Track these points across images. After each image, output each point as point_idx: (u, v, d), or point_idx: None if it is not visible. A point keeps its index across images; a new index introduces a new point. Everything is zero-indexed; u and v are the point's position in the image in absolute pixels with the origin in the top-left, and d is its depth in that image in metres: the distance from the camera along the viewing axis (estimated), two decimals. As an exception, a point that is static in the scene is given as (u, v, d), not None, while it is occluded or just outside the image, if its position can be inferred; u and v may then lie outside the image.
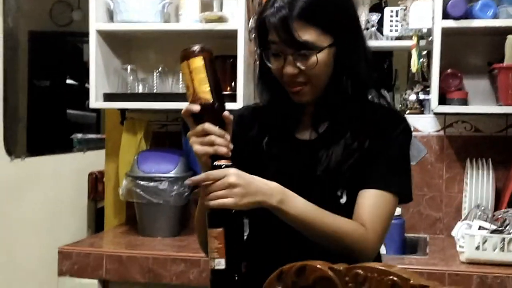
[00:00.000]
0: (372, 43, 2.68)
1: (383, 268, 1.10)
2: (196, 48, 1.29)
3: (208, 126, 1.26)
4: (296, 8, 1.30)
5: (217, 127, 1.28)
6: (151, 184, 2.48)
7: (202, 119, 1.28)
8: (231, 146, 1.29)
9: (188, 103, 1.29)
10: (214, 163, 1.28)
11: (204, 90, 1.27)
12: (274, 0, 1.34)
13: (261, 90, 1.48)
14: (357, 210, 1.37)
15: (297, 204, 1.30)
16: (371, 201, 1.37)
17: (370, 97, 1.45)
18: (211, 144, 1.26)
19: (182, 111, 1.29)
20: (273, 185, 1.29)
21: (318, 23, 1.32)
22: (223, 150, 1.26)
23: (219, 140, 1.26)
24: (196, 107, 1.27)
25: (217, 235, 1.26)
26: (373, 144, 1.39)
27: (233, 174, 1.25)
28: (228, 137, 1.28)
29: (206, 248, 1.40)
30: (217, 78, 1.30)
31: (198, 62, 1.27)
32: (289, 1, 1.31)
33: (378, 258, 1.48)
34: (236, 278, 1.28)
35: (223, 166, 1.27)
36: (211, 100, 1.27)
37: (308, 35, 1.31)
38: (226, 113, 1.29)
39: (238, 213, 1.29)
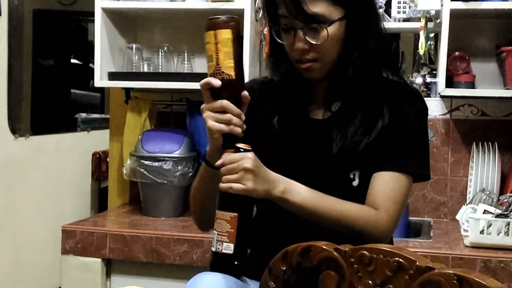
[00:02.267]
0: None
1: (388, 249, 1.10)
2: (226, 18, 1.24)
3: (227, 104, 1.24)
4: None
5: (235, 105, 1.25)
6: (155, 164, 2.47)
7: (220, 94, 1.24)
8: (245, 126, 1.27)
9: (209, 74, 1.26)
10: (235, 145, 1.25)
11: (228, 65, 1.24)
12: None
13: (272, 67, 1.46)
14: (370, 192, 1.36)
15: (301, 193, 1.29)
16: (385, 183, 1.35)
17: (384, 74, 1.42)
18: (228, 122, 1.24)
19: (201, 82, 1.25)
20: (276, 175, 1.28)
21: None
22: (238, 130, 1.25)
23: (236, 120, 1.24)
24: (217, 82, 1.23)
25: (230, 219, 1.24)
26: (389, 123, 1.37)
27: (250, 159, 1.23)
28: (243, 117, 1.26)
29: (201, 218, 1.40)
30: (242, 54, 1.26)
31: (226, 34, 1.23)
32: None
33: (389, 243, 1.46)
34: (237, 263, 1.26)
35: (242, 149, 1.25)
36: (234, 77, 1.24)
37: (318, 7, 1.28)
38: (245, 92, 1.27)
39: (252, 200, 1.27)
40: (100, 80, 2.54)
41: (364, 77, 1.36)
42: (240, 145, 1.25)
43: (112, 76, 2.57)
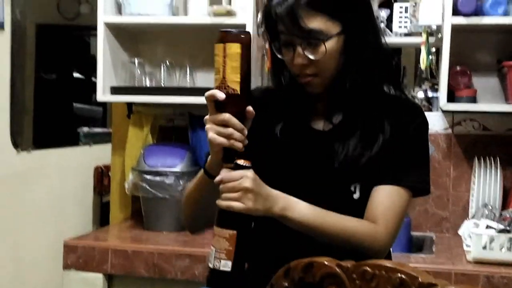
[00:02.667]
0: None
1: (391, 265, 1.09)
2: (236, 32, 1.24)
3: (229, 118, 1.23)
4: None
5: (238, 120, 1.25)
6: (157, 178, 2.47)
7: (224, 108, 1.24)
8: (246, 141, 1.26)
9: (215, 86, 1.25)
10: (235, 162, 1.25)
11: (234, 80, 1.23)
12: None
13: (274, 79, 1.46)
14: (370, 205, 1.36)
15: (300, 209, 1.29)
16: (385, 197, 1.35)
17: (386, 88, 1.43)
18: (229, 137, 1.23)
19: (206, 94, 1.25)
20: (276, 192, 1.28)
21: (325, 10, 1.29)
22: (238, 145, 1.24)
23: (237, 135, 1.24)
24: (222, 95, 1.23)
25: (228, 237, 1.23)
26: (390, 137, 1.37)
27: (250, 179, 1.23)
28: (245, 132, 1.26)
29: (191, 223, 1.40)
30: (249, 69, 1.25)
31: (235, 49, 1.22)
32: None
33: (388, 256, 1.46)
34: (235, 281, 1.25)
35: (243, 166, 1.24)
36: (238, 91, 1.23)
37: (315, 22, 1.29)
38: (249, 108, 1.26)
39: (251, 218, 1.26)
40: (102, 95, 2.54)
41: (364, 90, 1.36)
42: (240, 161, 1.25)
43: (115, 90, 2.58)
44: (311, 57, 1.31)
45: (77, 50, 4.89)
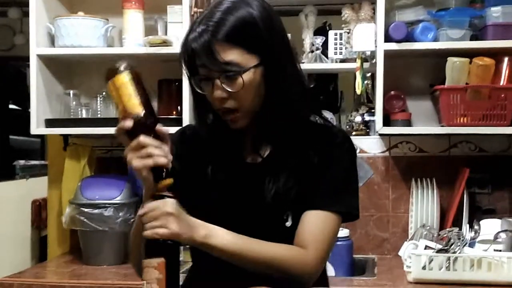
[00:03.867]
0: (317, 66, 2.70)
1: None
2: (119, 65, 1.25)
3: (143, 138, 1.21)
4: (217, 30, 1.28)
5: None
6: (96, 211, 2.42)
7: (136, 134, 1.23)
8: (170, 157, 1.24)
9: (120, 119, 1.24)
10: (155, 194, 1.24)
11: (134, 104, 1.23)
12: (195, 24, 1.32)
13: (198, 120, 1.45)
14: (299, 230, 1.36)
15: (223, 237, 1.28)
16: (313, 222, 1.35)
17: (312, 118, 1.44)
18: (149, 156, 1.21)
19: (115, 130, 1.23)
20: (198, 221, 1.27)
21: (242, 43, 1.29)
22: (162, 160, 1.22)
23: (157, 151, 1.22)
24: (129, 123, 1.21)
25: (157, 266, 1.22)
26: (318, 165, 1.38)
27: (170, 204, 1.22)
28: (166, 148, 1.24)
29: (139, 264, 1.37)
30: (145, 92, 1.25)
31: (123, 78, 1.23)
32: (209, 23, 1.29)
33: (325, 281, 1.46)
34: None
35: (165, 197, 1.24)
36: (141, 114, 1.23)
37: (231, 55, 1.29)
38: (159, 126, 1.25)
39: (176, 243, 1.25)
40: (36, 128, 2.49)
41: (288, 121, 1.37)
42: (163, 193, 1.24)
43: (49, 123, 2.53)
44: (229, 89, 1.31)
45: (13, 81, 4.79)
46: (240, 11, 1.30)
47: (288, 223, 1.37)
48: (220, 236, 1.28)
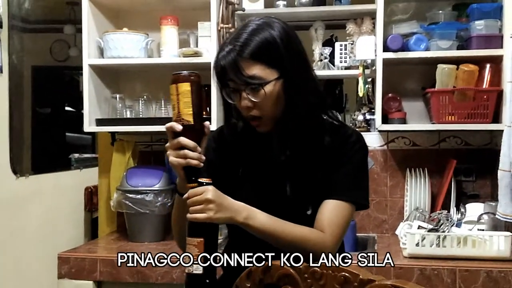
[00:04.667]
0: (325, 72, 2.70)
1: (335, 266, 1.10)
2: (186, 73, 1.26)
3: (182, 139, 1.25)
4: (242, 49, 1.29)
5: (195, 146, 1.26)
6: (138, 196, 2.44)
7: (182, 137, 1.26)
8: (203, 158, 1.27)
9: (173, 120, 1.28)
10: (198, 180, 1.26)
11: (187, 113, 1.25)
12: (224, 44, 1.34)
13: (226, 124, 1.46)
14: (318, 217, 1.37)
15: (261, 219, 1.30)
16: (330, 210, 1.37)
17: (325, 117, 1.44)
18: (184, 157, 1.25)
19: (166, 125, 1.27)
20: (239, 204, 1.29)
21: (263, 60, 1.30)
22: (194, 162, 1.25)
23: (192, 153, 1.25)
24: (179, 127, 1.25)
25: (197, 244, 1.24)
26: (335, 161, 1.39)
27: (211, 191, 1.24)
28: (199, 149, 1.27)
29: (181, 242, 1.39)
30: (200, 103, 1.27)
31: (185, 87, 1.25)
32: (236, 44, 1.30)
33: (342, 250, 1.49)
34: (208, 281, 1.25)
35: (204, 183, 1.26)
36: (192, 123, 1.26)
37: (254, 70, 1.30)
38: (205, 132, 1.28)
39: (215, 225, 1.27)
40: (89, 126, 2.51)
41: (307, 125, 1.37)
42: (201, 179, 1.26)
43: (99, 122, 2.55)
44: (253, 99, 1.32)
45: (68, 87, 4.84)
46: (263, 33, 1.31)
47: (309, 212, 1.39)
48: (259, 218, 1.30)
